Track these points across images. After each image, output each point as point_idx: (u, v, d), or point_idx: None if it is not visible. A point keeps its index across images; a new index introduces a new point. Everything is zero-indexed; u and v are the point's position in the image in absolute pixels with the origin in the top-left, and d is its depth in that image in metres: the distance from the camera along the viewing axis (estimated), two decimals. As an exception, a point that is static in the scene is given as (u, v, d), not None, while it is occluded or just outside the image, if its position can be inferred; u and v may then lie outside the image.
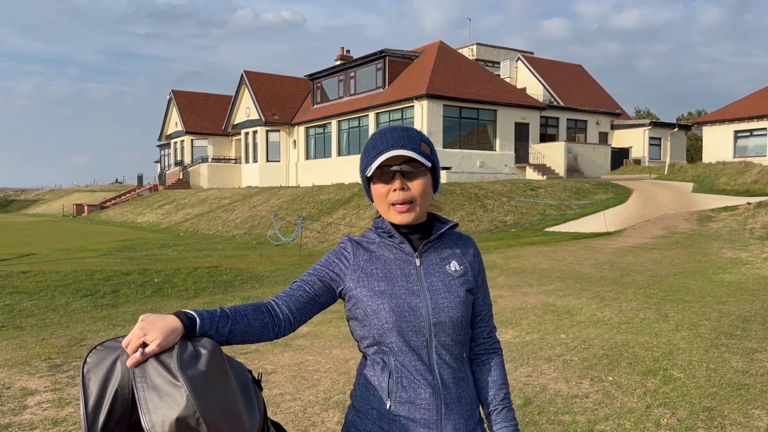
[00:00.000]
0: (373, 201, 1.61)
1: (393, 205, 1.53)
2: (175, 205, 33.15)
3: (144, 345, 1.19)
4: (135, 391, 1.12)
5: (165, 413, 1.08)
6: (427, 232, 1.62)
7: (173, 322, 1.25)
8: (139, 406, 1.10)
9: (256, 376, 1.36)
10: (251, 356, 5.73)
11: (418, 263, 1.57)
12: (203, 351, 1.20)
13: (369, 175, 1.54)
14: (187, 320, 1.29)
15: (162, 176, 45.70)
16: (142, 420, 1.09)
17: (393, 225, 1.59)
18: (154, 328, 1.21)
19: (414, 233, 1.60)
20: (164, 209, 32.98)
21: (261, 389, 1.36)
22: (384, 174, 1.53)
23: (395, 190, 1.52)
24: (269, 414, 4.32)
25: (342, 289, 1.57)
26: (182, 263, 12.87)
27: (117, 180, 70.91)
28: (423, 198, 1.54)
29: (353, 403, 1.60)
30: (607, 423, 3.97)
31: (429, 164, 1.53)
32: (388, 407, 1.51)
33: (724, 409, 4.16)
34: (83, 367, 1.17)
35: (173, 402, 1.08)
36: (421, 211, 1.56)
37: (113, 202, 43.42)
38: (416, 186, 1.53)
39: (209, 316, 1.34)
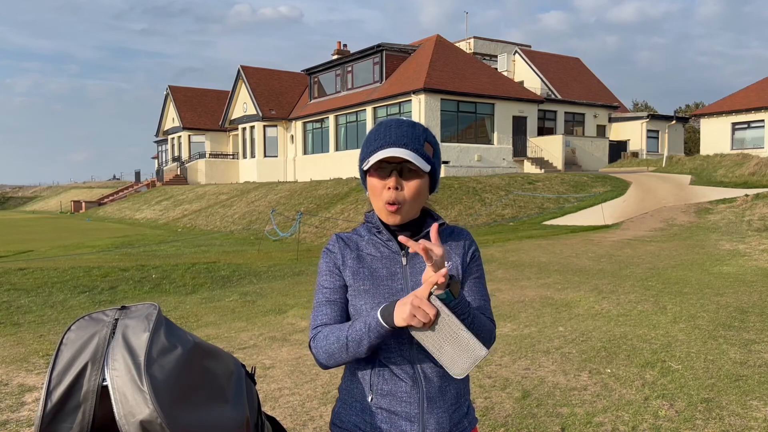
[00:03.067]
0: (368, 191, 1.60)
1: (384, 203, 1.51)
2: (173, 201, 33.11)
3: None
4: (106, 373, 1.11)
5: (132, 410, 1.07)
6: (418, 229, 1.60)
7: None
8: (111, 390, 1.10)
9: (249, 370, 1.35)
10: (250, 351, 5.72)
11: (404, 262, 1.56)
12: (178, 347, 1.18)
13: (365, 169, 1.52)
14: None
15: (159, 172, 45.62)
16: (113, 406, 1.08)
17: (382, 221, 1.58)
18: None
19: (404, 230, 1.59)
20: (162, 205, 32.93)
21: (255, 383, 1.35)
22: (381, 169, 1.50)
23: (389, 188, 1.49)
24: (267, 408, 4.32)
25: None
26: (180, 259, 12.86)
27: (115, 176, 70.75)
28: (414, 200, 1.52)
29: (339, 395, 1.62)
30: (606, 415, 3.97)
31: (428, 168, 1.50)
32: (370, 399, 1.52)
33: (722, 401, 4.17)
34: (64, 334, 1.17)
35: (138, 406, 1.07)
36: (409, 213, 1.54)
37: (111, 198, 43.33)
38: (410, 187, 1.50)
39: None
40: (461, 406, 1.59)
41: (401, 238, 1.36)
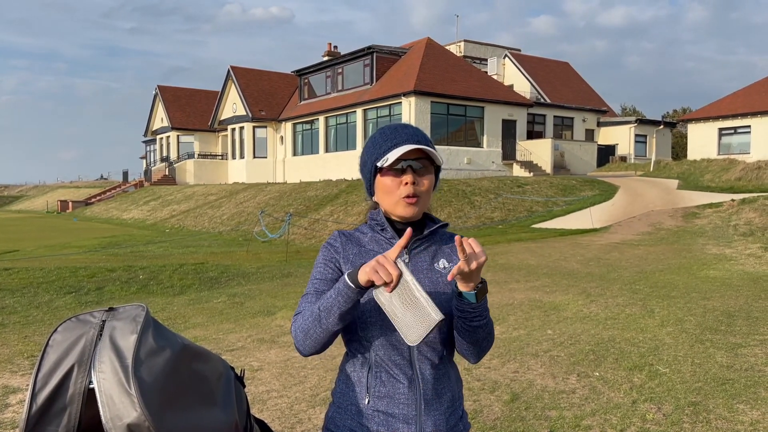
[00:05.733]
0: (371, 195, 1.63)
1: (402, 198, 1.55)
2: (161, 201, 32.91)
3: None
4: (93, 376, 1.10)
5: (120, 413, 1.06)
6: (420, 230, 1.63)
7: None
8: (98, 393, 1.08)
9: (239, 372, 1.34)
10: (238, 353, 5.69)
11: (407, 259, 1.58)
12: (166, 349, 1.16)
13: (382, 165, 1.54)
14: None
15: (148, 172, 45.33)
16: (100, 409, 1.07)
17: (388, 220, 1.61)
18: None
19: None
20: (150, 205, 32.72)
21: (244, 386, 1.33)
22: (394, 168, 1.54)
23: (406, 183, 1.53)
24: (255, 411, 4.29)
25: None
26: (168, 260, 12.77)
27: (102, 176, 70.16)
28: (427, 195, 1.58)
29: (333, 400, 1.61)
30: (594, 418, 3.98)
31: (441, 162, 1.58)
32: (366, 402, 1.51)
33: (709, 404, 4.19)
34: (50, 335, 1.16)
35: (125, 408, 1.06)
36: (424, 205, 1.60)
37: (98, 198, 42.98)
38: (424, 182, 1.56)
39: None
40: (456, 410, 1.59)
41: (457, 239, 1.37)
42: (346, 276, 1.39)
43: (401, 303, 1.33)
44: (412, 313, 1.32)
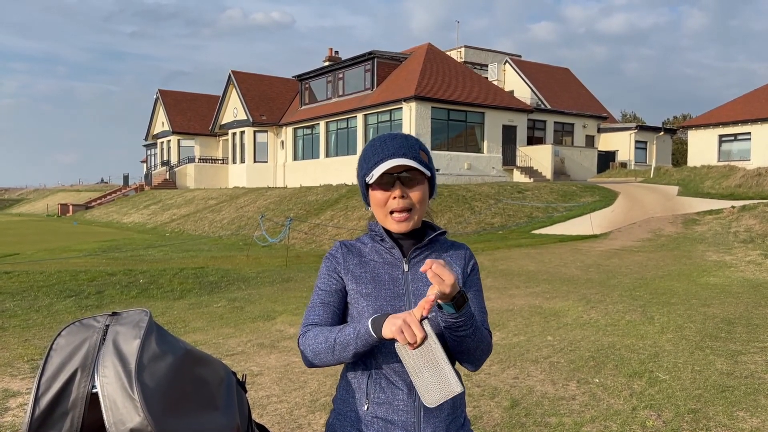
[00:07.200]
0: (369, 205, 1.63)
1: (392, 213, 1.55)
2: (161, 205, 32.92)
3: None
4: (96, 380, 1.10)
5: (123, 418, 1.06)
6: (419, 238, 1.64)
7: None
8: (101, 398, 1.08)
9: (240, 377, 1.34)
10: (237, 358, 5.69)
11: (406, 268, 1.60)
12: (169, 354, 1.17)
13: (370, 182, 1.55)
14: None
15: (148, 176, 45.37)
16: (103, 414, 1.07)
17: (386, 229, 1.61)
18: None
19: (406, 238, 1.63)
20: (150, 209, 32.73)
21: (245, 391, 1.34)
22: (383, 181, 1.54)
23: (395, 197, 1.53)
24: (255, 416, 4.30)
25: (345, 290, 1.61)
26: (168, 264, 12.77)
27: (103, 180, 70.14)
28: (421, 206, 1.57)
29: (334, 407, 1.62)
30: (594, 425, 3.97)
31: (429, 173, 1.56)
32: (366, 408, 1.52)
33: (709, 411, 4.19)
34: (54, 339, 1.16)
35: (128, 413, 1.06)
36: (419, 218, 1.59)
37: (98, 201, 43.00)
38: (415, 194, 1.55)
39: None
40: (458, 417, 1.59)
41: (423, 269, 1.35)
42: (369, 324, 1.39)
43: (423, 362, 1.33)
44: (431, 375, 1.33)
